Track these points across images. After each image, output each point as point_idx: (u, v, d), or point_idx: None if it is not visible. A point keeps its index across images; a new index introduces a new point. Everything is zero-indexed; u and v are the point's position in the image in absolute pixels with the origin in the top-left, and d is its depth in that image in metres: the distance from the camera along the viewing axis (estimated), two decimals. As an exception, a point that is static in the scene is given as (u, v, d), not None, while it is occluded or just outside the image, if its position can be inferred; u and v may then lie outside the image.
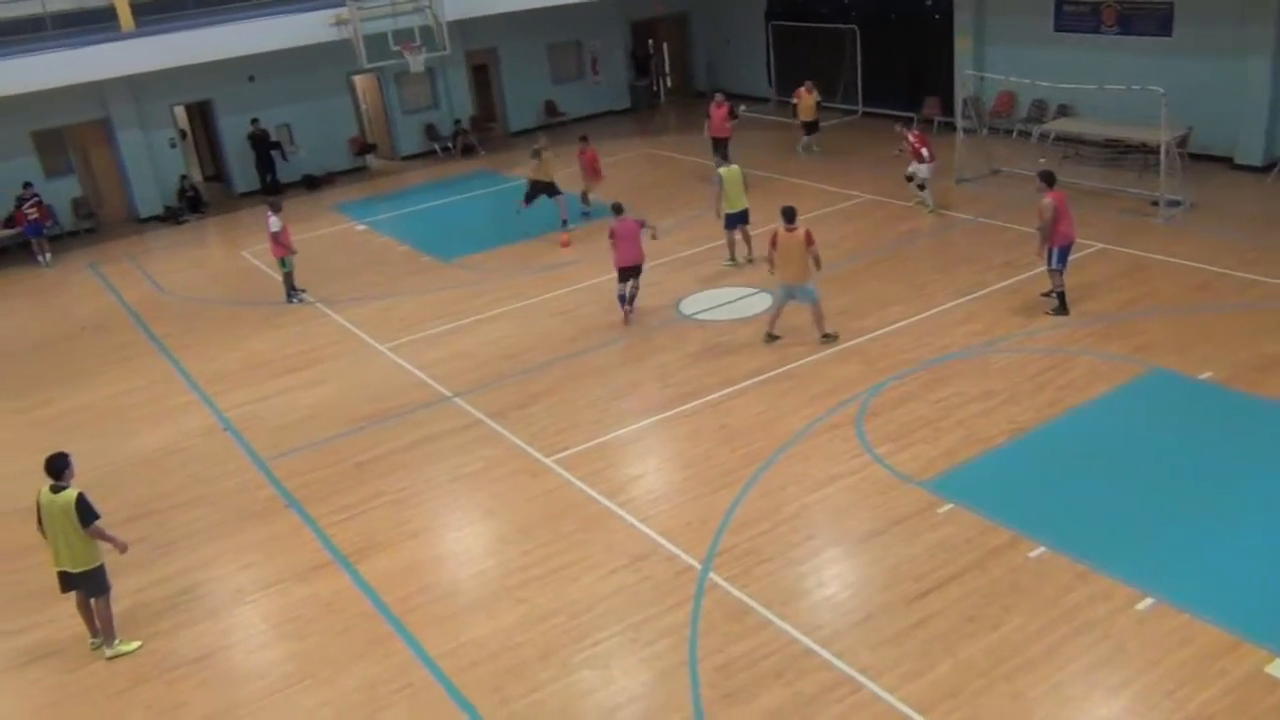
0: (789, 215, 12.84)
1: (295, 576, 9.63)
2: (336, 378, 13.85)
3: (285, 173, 24.30)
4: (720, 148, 18.89)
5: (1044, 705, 7.25)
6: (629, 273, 14.35)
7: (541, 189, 18.81)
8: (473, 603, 9.01)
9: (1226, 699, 7.11)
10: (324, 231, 20.89)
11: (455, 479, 11.05)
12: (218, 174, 25.74)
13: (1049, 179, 13.26)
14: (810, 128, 22.13)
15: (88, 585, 8.74)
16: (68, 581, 8.75)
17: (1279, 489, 9.37)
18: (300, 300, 16.79)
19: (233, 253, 20.27)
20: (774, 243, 12.87)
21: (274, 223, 16.26)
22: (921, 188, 17.74)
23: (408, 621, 8.82)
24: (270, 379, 14.02)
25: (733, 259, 16.28)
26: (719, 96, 21.29)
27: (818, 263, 12.89)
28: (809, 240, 12.66)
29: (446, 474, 11.15)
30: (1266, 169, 17.93)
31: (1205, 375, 11.41)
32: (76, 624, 9.12)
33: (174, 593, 9.60)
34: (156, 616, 9.27)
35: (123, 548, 8.95)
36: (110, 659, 8.80)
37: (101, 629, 8.83)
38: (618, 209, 14.57)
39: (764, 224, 17.85)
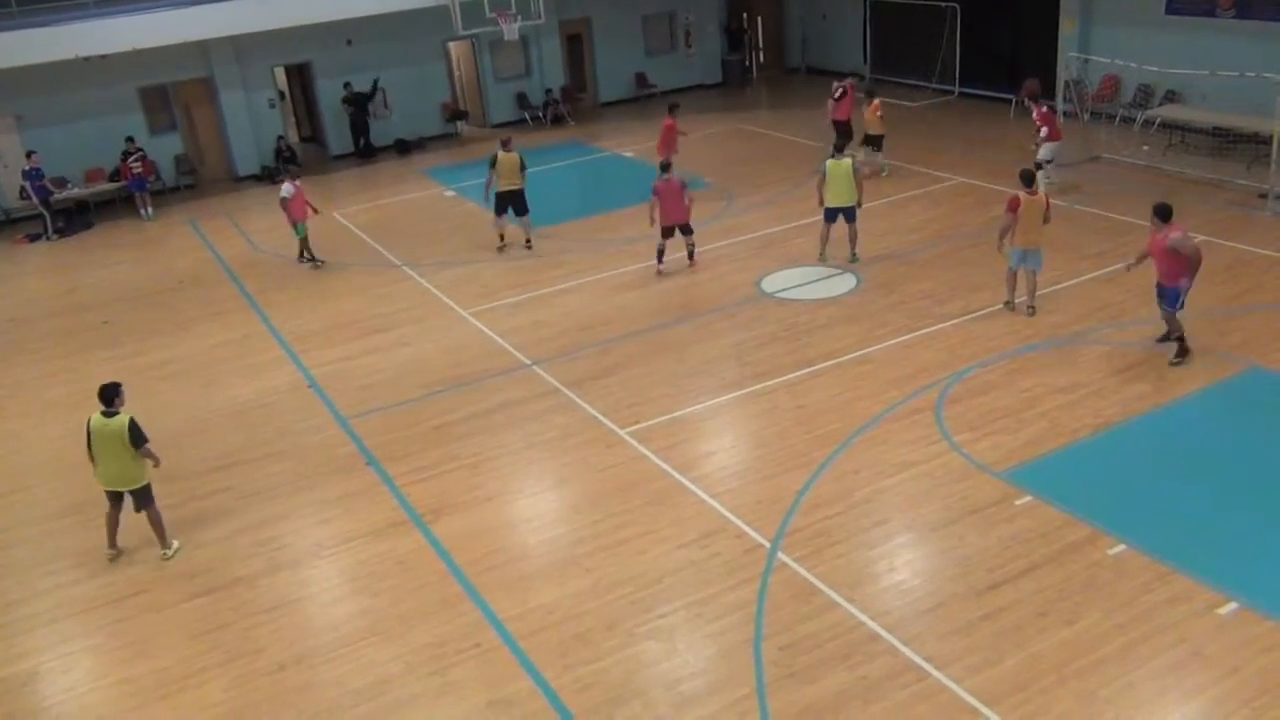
0: (1028, 179, 12.89)
1: (371, 533, 9.85)
2: (419, 341, 14.08)
3: (378, 136, 24.70)
4: (843, 135, 17.99)
5: (1115, 705, 7.09)
6: (671, 230, 15.21)
7: (508, 200, 16.87)
8: (542, 569, 9.12)
9: (1308, 712, 6.88)
10: (413, 196, 21.20)
11: (530, 446, 11.17)
12: (314, 135, 26.25)
13: (1167, 212, 11.30)
14: (875, 141, 19.21)
15: (138, 499, 9.67)
16: (116, 499, 9.69)
17: (1379, 499, 9.00)
18: (316, 265, 17.37)
19: (325, 213, 20.62)
20: (1014, 207, 12.65)
21: (286, 189, 16.85)
22: (1039, 166, 16.62)
23: (478, 583, 8.97)
24: (355, 339, 14.31)
25: (821, 256, 15.36)
26: (850, 80, 20.00)
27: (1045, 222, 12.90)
28: (1048, 205, 12.84)
29: (521, 440, 11.27)
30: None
31: (1306, 377, 10.98)
32: (162, 565, 9.53)
33: (255, 543, 9.89)
34: (236, 565, 9.57)
35: (157, 462, 9.70)
36: (167, 559, 9.71)
37: (155, 534, 9.80)
38: (665, 166, 15.43)
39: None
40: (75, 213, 21.71)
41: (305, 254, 17.43)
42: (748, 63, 30.10)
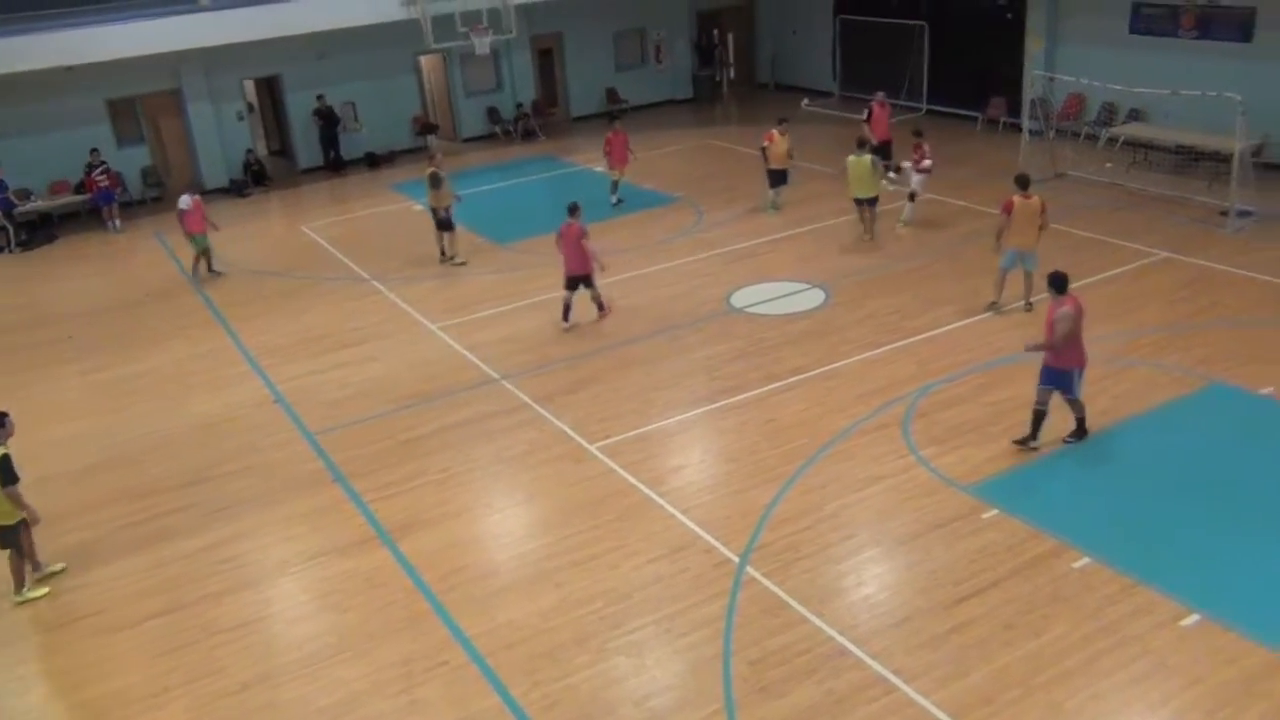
0: (1023, 183, 13.22)
1: (338, 550, 9.77)
2: (387, 355, 14.01)
3: (348, 149, 24.62)
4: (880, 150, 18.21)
5: (1080, 717, 7.14)
6: (574, 283, 14.02)
7: (445, 219, 17.12)
8: (511, 585, 9.07)
9: (1269, 723, 6.96)
10: (382, 209, 21.13)
11: (499, 461, 11.13)
12: (283, 149, 26.12)
13: (1062, 283, 10.34)
14: (778, 177, 18.56)
15: (1, 538, 9.28)
16: None
17: (1337, 511, 9.13)
18: (216, 275, 17.54)
19: (293, 227, 20.56)
20: (1009, 210, 13.12)
21: (184, 201, 17.07)
22: (912, 197, 17.18)
23: (446, 600, 8.91)
24: (322, 354, 14.21)
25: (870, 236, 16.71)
26: (881, 95, 19.94)
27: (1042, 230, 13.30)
28: (1043, 208, 13.11)
29: (490, 455, 11.23)
30: (1344, 182, 17.41)
31: (1266, 391, 11.13)
32: (122, 584, 9.41)
33: (219, 560, 9.78)
34: (199, 583, 9.46)
35: (34, 520, 9.33)
36: (19, 604, 9.32)
37: (13, 577, 9.37)
38: (572, 209, 13.97)
39: (798, 223, 17.80)
40: (39, 225, 21.46)
41: (207, 266, 17.63)
42: (718, 78, 30.25)
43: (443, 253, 17.16)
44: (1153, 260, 14.92)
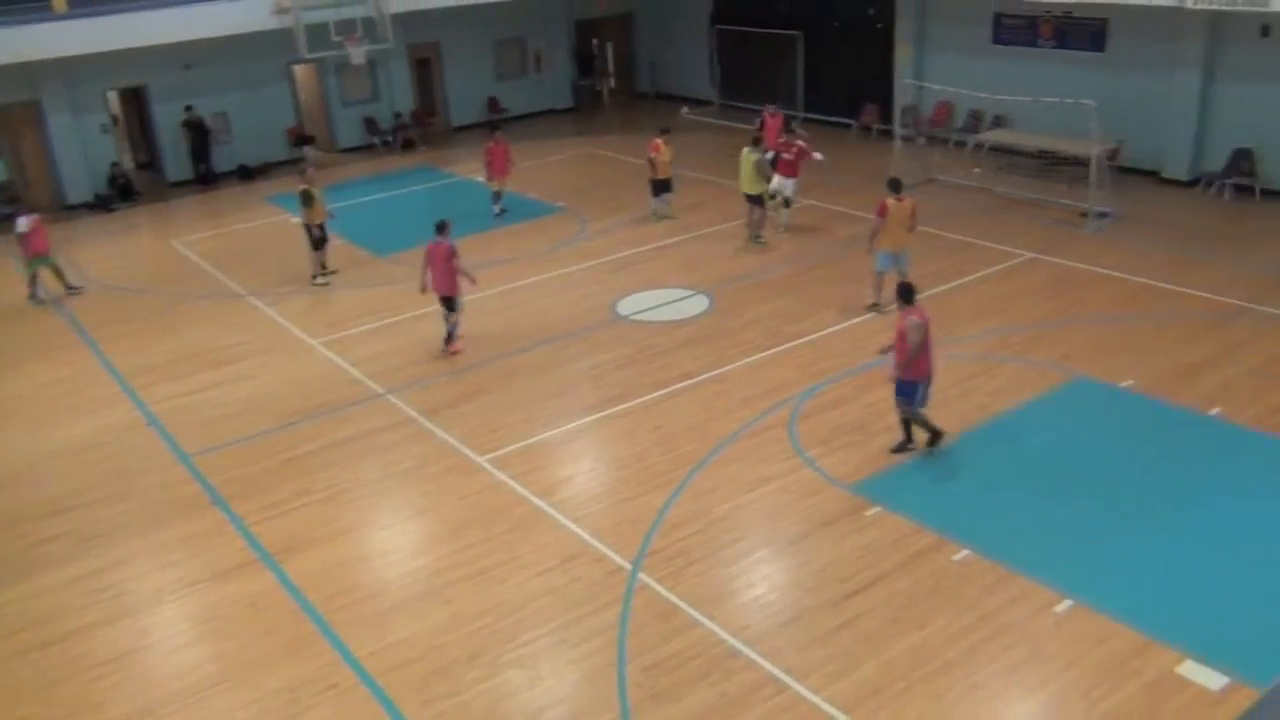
0: (896, 186, 13.61)
1: (218, 575, 9.46)
2: (266, 373, 13.64)
3: (220, 162, 23.91)
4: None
5: (963, 705, 7.38)
6: (443, 303, 13.50)
7: (320, 237, 16.54)
8: (400, 603, 8.92)
9: (1139, 699, 7.30)
10: (257, 223, 20.57)
11: (386, 477, 10.94)
12: (150, 162, 25.21)
13: (910, 293, 10.38)
14: (662, 186, 18.54)
15: None
16: None
17: (1192, 495, 9.65)
18: (37, 302, 16.82)
19: (163, 243, 19.85)
20: (883, 212, 13.45)
21: (21, 223, 16.46)
22: (787, 204, 17.47)
23: (333, 621, 8.71)
24: (197, 373, 13.75)
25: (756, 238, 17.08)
26: (773, 107, 19.91)
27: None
28: (913, 210, 13.56)
29: (377, 472, 11.03)
30: (1192, 184, 18.42)
31: (1126, 383, 11.70)
32: (-12, 622, 8.95)
33: (92, 590, 9.37)
34: (73, 615, 9.05)
35: None
36: None
37: None
38: (440, 227, 13.44)
39: (681, 230, 18.03)
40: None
41: (64, 285, 17.00)
42: (598, 88, 30.37)
43: (323, 267, 16.77)
44: (1020, 261, 15.54)
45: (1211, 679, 7.38)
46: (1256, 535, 9.02)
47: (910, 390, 10.22)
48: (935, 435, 10.54)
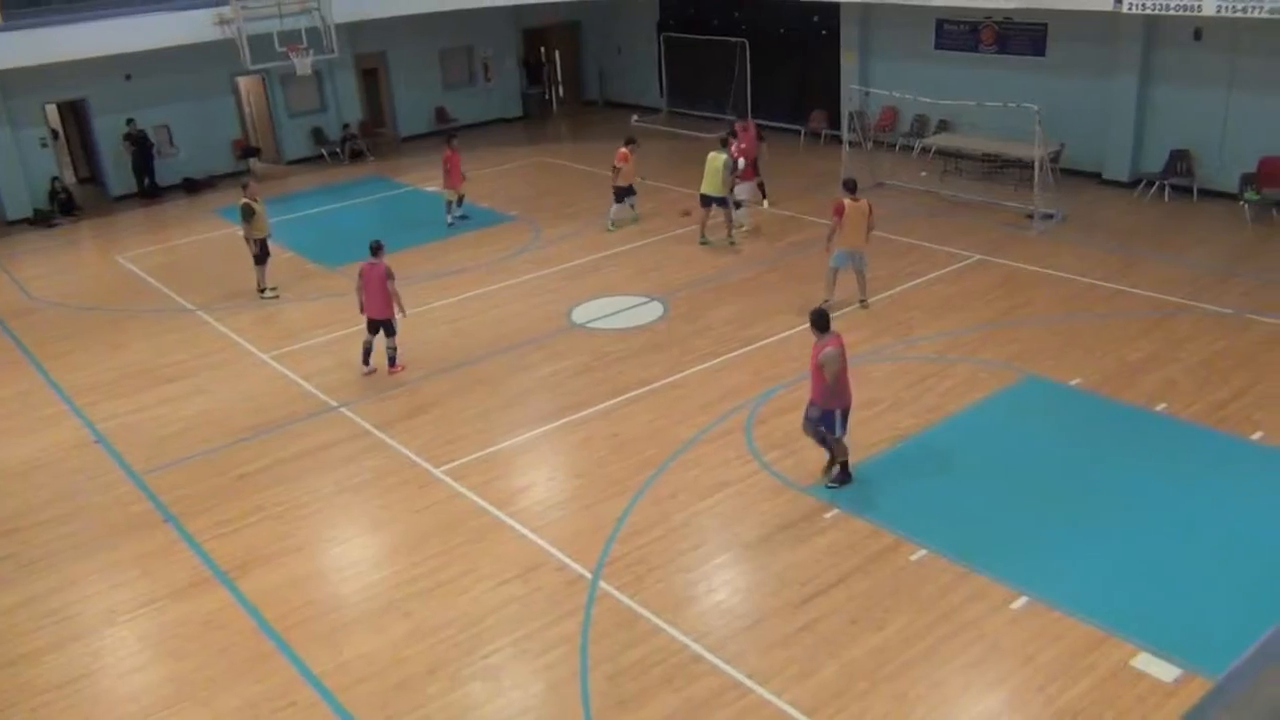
0: (851, 186, 13.95)
1: (171, 594, 9.30)
2: (216, 388, 13.44)
3: (164, 175, 23.54)
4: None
5: (924, 704, 7.45)
6: (375, 327, 13.10)
7: (262, 253, 16.32)
8: (359, 618, 8.83)
9: (1095, 693, 7.41)
10: (204, 237, 20.28)
11: (341, 491, 10.82)
12: (92, 176, 24.76)
13: (823, 321, 9.90)
14: (626, 192, 18.57)
15: None
16: None
17: (1141, 490, 9.83)
18: None
19: (107, 258, 19.50)
20: (840, 212, 13.68)
21: None
22: (738, 205, 17.58)
23: (290, 638, 8.59)
24: (146, 389, 13.52)
25: (701, 239, 17.30)
26: (745, 121, 19.84)
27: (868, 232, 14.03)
28: (870, 210, 13.80)
29: (332, 486, 10.91)
30: (1132, 185, 18.81)
31: (1075, 381, 11.91)
32: (-67, 649, 8.70)
33: (40, 614, 9.16)
34: (21, 639, 8.84)
35: None
36: None
37: None
38: (375, 248, 13.14)
39: (635, 237, 18.09)
40: None
41: None
42: (547, 96, 30.37)
43: (262, 285, 16.51)
44: (969, 263, 15.76)
45: (1165, 671, 7.53)
46: (1205, 527, 9.21)
47: (829, 419, 9.83)
48: (845, 472, 10.09)
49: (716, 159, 16.67)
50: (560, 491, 10.61)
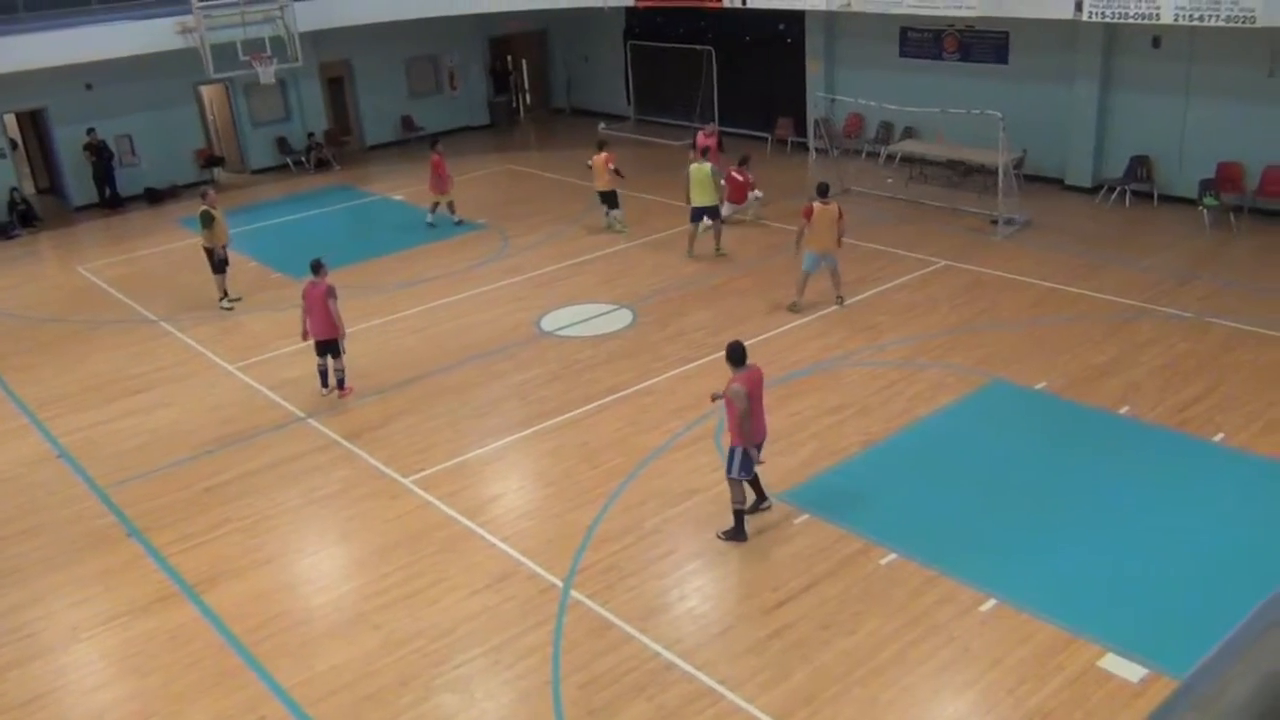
0: (823, 190, 14.23)
1: (137, 609, 9.18)
2: (182, 399, 13.29)
3: (126, 185, 23.28)
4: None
5: (895, 708, 7.48)
6: (322, 349, 12.70)
7: (222, 261, 16.16)
8: (328, 630, 8.75)
9: (1063, 694, 7.48)
10: (167, 247, 20.06)
11: (309, 502, 10.74)
12: (52, 186, 24.45)
13: (738, 355, 9.50)
14: (606, 200, 18.58)
15: None
16: None
17: (1106, 492, 9.93)
18: None
19: (68, 269, 19.27)
20: (809, 215, 13.92)
21: None
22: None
23: (258, 652, 8.51)
24: (109, 402, 13.35)
25: (690, 252, 17.03)
26: (710, 126, 19.75)
27: (840, 237, 14.24)
28: (840, 214, 14.03)
29: (300, 497, 10.82)
30: (1094, 190, 19.05)
31: (1040, 385, 12.03)
32: (-109, 669, 8.52)
33: (2, 631, 9.01)
34: (-18, 657, 8.71)
35: None
36: None
37: None
38: (315, 266, 12.62)
39: (603, 245, 18.09)
40: None
41: None
42: (514, 104, 30.33)
43: (225, 293, 16.36)
44: (935, 268, 15.89)
45: (1132, 671, 7.61)
46: (1169, 529, 9.33)
47: (731, 457, 9.32)
48: (739, 525, 9.48)
49: (700, 170, 16.59)
50: (531, 500, 10.58)
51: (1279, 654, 1.77)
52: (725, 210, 17.47)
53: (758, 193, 18.30)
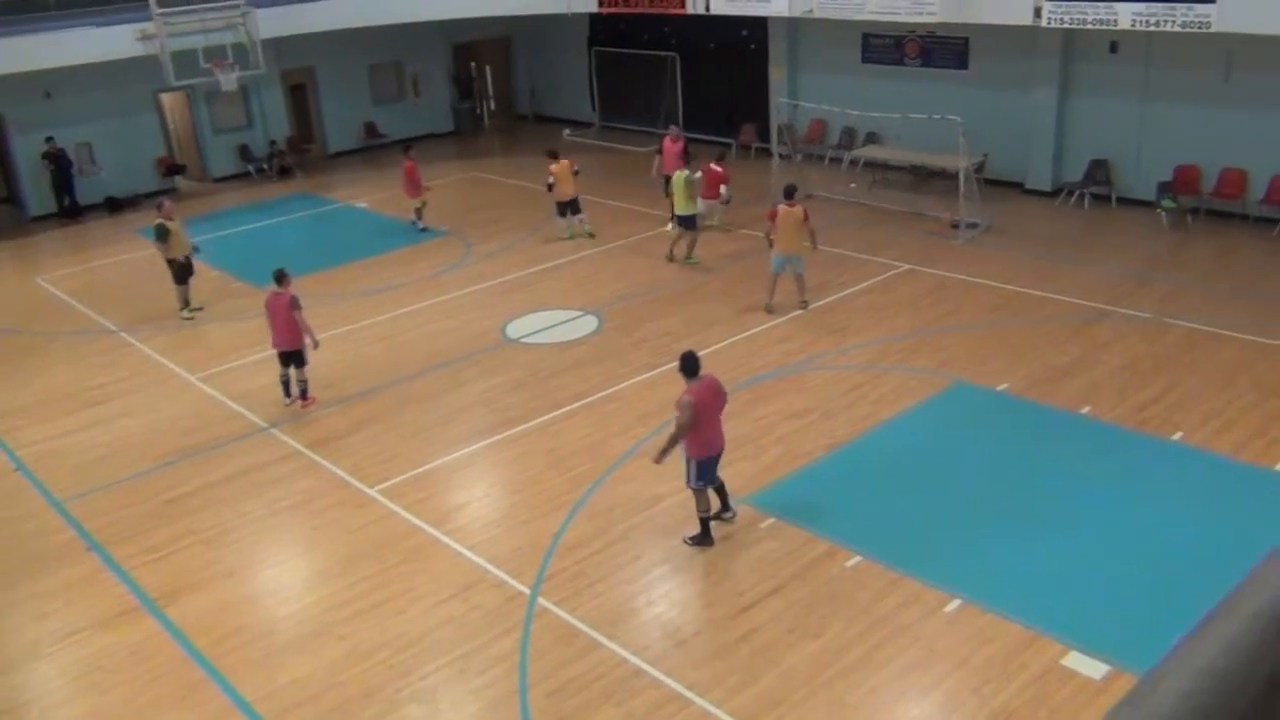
0: (789, 193, 14.41)
1: (97, 624, 9.05)
2: (143, 411, 13.14)
3: (85, 194, 22.98)
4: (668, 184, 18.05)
5: (862, 709, 7.52)
6: (286, 359, 12.66)
7: (184, 271, 16.09)
8: (292, 642, 8.67)
9: (1027, 692, 7.55)
10: (128, 257, 19.82)
11: (272, 513, 10.64)
12: (9, 196, 24.09)
13: (691, 366, 9.26)
14: (569, 207, 18.64)
15: None
16: None
17: (1068, 491, 10.04)
18: None
19: (27, 279, 18.99)
20: (773, 217, 14.03)
21: None
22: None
23: (222, 666, 8.41)
24: (69, 414, 13.17)
25: (670, 256, 17.13)
26: (674, 130, 19.60)
27: (813, 238, 14.35)
28: (806, 216, 14.02)
29: (263, 508, 10.72)
30: (1054, 194, 19.27)
31: (1002, 387, 12.14)
32: None
33: (-41, 649, 8.88)
34: (-62, 676, 8.55)
35: None
36: None
37: None
38: (279, 277, 12.56)
39: (567, 251, 18.10)
40: None
41: None
42: (479, 111, 30.25)
43: (186, 303, 16.21)
44: (898, 272, 16.01)
45: (1094, 669, 7.69)
46: (1129, 527, 9.44)
47: (688, 468, 9.30)
48: (705, 531, 9.47)
49: (678, 177, 16.63)
50: (497, 508, 10.54)
51: (1213, 650, 1.81)
52: (701, 207, 17.44)
53: (725, 190, 17.98)
